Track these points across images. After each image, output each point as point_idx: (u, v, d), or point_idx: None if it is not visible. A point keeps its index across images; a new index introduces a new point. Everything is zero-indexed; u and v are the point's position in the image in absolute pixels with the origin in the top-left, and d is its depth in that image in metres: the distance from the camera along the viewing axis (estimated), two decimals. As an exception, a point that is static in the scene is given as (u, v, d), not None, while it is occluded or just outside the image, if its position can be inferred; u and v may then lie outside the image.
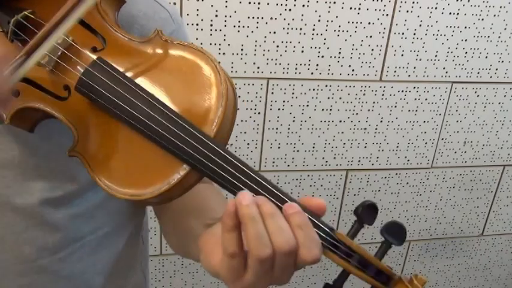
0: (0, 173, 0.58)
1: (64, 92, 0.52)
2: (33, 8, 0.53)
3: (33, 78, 0.52)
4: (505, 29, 1.50)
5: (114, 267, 0.72)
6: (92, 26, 0.53)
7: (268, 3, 1.31)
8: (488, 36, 1.51)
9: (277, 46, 1.37)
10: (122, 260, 0.73)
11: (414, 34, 1.45)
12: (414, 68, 1.50)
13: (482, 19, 1.47)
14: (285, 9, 1.33)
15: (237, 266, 0.46)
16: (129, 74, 0.51)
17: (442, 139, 1.64)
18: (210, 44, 1.33)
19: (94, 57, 0.51)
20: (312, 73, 1.43)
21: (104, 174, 0.50)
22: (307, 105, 1.47)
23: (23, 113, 0.52)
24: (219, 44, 1.33)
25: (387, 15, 1.40)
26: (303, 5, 1.33)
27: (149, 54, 0.52)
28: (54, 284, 0.66)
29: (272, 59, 1.38)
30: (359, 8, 1.37)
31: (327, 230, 0.48)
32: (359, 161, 1.61)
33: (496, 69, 1.56)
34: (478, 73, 1.56)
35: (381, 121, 1.56)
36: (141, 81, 0.50)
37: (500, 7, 1.47)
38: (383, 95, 1.52)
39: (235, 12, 1.30)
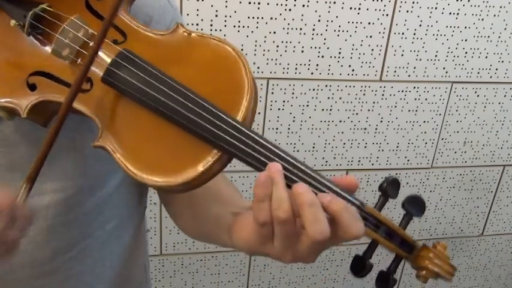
0: (8, 177, 0.57)
1: (86, 84, 0.51)
2: (48, 0, 0.53)
3: (51, 71, 0.52)
4: (505, 29, 1.50)
5: (120, 260, 0.73)
6: (113, 22, 0.53)
7: (268, 3, 1.31)
8: (488, 36, 1.51)
9: (277, 46, 1.37)
10: (127, 252, 0.74)
11: (414, 34, 1.45)
12: (414, 68, 1.50)
13: (482, 19, 1.47)
14: (285, 9, 1.33)
15: (266, 234, 0.49)
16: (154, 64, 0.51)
17: (442, 139, 1.64)
18: (210, 44, 1.33)
19: (119, 48, 0.51)
20: (312, 73, 1.43)
21: (133, 163, 0.49)
22: (307, 105, 1.47)
23: (41, 106, 0.52)
24: (219, 44, 1.33)
25: (387, 15, 1.40)
26: (303, 5, 1.33)
27: (172, 47, 0.53)
28: (65, 282, 0.66)
29: (272, 59, 1.38)
30: (359, 8, 1.37)
31: (358, 203, 0.51)
32: (359, 161, 1.61)
33: (496, 69, 1.56)
34: (478, 73, 1.56)
35: (381, 121, 1.56)
36: (166, 70, 0.50)
37: (500, 7, 1.47)
38: (383, 95, 1.52)
39: (235, 12, 1.30)
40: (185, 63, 0.52)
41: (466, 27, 1.47)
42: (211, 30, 1.31)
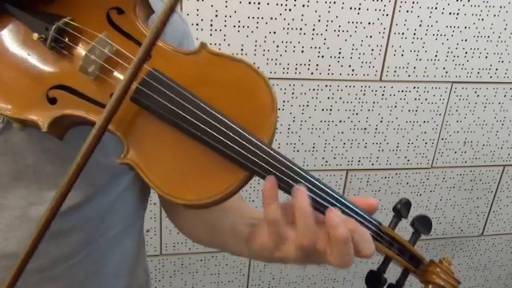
0: (12, 184, 0.57)
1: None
2: (70, 14, 0.53)
3: (73, 85, 0.52)
4: (505, 29, 1.50)
5: (122, 265, 0.73)
6: (135, 37, 0.53)
7: (268, 3, 1.31)
8: (488, 36, 1.50)
9: (277, 46, 1.37)
10: (129, 257, 0.74)
11: (414, 34, 1.44)
12: (414, 68, 1.49)
13: (482, 19, 1.47)
14: (285, 9, 1.33)
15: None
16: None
17: (442, 139, 1.64)
18: (210, 44, 1.33)
19: (148, 68, 0.51)
20: (312, 73, 1.43)
21: (160, 181, 0.50)
22: (307, 105, 1.47)
23: (61, 120, 0.52)
24: (219, 44, 1.33)
25: (387, 15, 1.40)
26: (303, 5, 1.33)
27: (196, 67, 0.53)
28: None
29: (272, 59, 1.38)
30: (359, 8, 1.37)
31: (376, 223, 0.56)
32: (359, 161, 1.61)
33: (496, 69, 1.56)
34: (478, 73, 1.56)
35: (381, 121, 1.56)
36: (192, 90, 0.51)
37: (500, 7, 1.47)
38: (383, 95, 1.52)
39: (235, 12, 1.30)
40: (209, 83, 0.52)
41: (466, 27, 1.47)
42: (211, 30, 1.31)
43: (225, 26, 1.32)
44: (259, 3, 1.31)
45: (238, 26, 1.32)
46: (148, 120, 0.51)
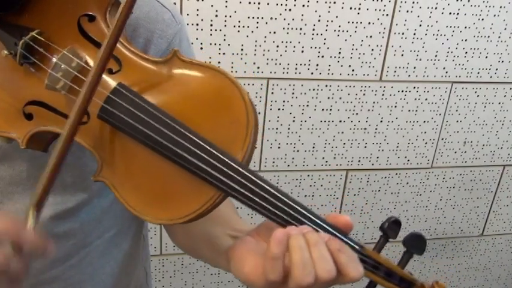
0: (9, 190, 0.57)
1: (83, 116, 0.50)
2: (40, 25, 0.51)
3: (47, 101, 0.50)
4: (505, 29, 1.50)
5: (120, 266, 0.73)
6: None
7: (268, 3, 1.31)
8: (488, 36, 1.50)
9: (277, 46, 1.37)
10: (127, 258, 0.74)
11: (414, 34, 1.44)
12: (414, 68, 1.49)
13: (482, 19, 1.47)
14: (285, 9, 1.33)
15: (275, 286, 0.47)
16: (149, 99, 0.49)
17: (442, 139, 1.64)
18: (210, 44, 1.33)
19: (114, 83, 0.49)
20: (312, 73, 1.43)
21: (132, 201, 0.48)
22: (307, 105, 1.47)
23: (39, 136, 0.51)
24: (219, 44, 1.33)
25: (387, 15, 1.40)
26: (303, 5, 1.33)
27: (168, 76, 0.50)
28: None
29: (272, 59, 1.38)
30: (359, 8, 1.37)
31: (357, 247, 0.50)
32: (359, 161, 1.61)
33: (496, 69, 1.56)
34: (478, 73, 1.56)
35: (381, 121, 1.56)
36: (163, 105, 0.48)
37: (500, 7, 1.46)
38: (383, 95, 1.52)
39: (235, 12, 1.30)
40: (182, 95, 0.50)
41: (466, 27, 1.47)
42: (211, 30, 1.31)
43: (225, 26, 1.32)
44: (259, 3, 1.31)
45: (238, 26, 1.32)
46: (118, 138, 0.49)
